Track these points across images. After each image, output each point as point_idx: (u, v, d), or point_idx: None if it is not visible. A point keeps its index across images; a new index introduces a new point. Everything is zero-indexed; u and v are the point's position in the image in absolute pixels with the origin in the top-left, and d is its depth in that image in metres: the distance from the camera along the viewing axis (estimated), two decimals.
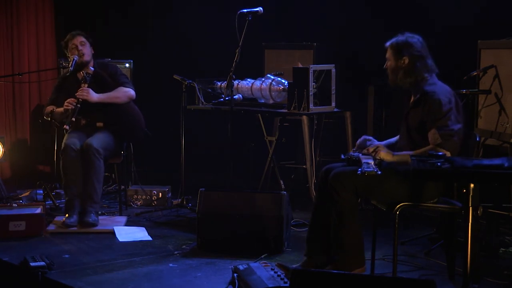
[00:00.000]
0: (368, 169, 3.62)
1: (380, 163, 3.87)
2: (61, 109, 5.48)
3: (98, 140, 5.35)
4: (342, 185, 3.97)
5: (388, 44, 4.15)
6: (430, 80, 4.06)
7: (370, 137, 4.26)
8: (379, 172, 3.64)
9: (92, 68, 5.55)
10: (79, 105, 5.37)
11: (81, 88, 5.42)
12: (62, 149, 5.35)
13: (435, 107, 3.92)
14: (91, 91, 5.42)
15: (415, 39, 4.09)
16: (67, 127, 5.33)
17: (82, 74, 5.49)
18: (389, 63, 4.15)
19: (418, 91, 4.07)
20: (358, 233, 4.05)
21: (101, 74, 5.57)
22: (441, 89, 4.00)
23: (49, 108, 5.57)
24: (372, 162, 3.76)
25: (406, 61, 4.07)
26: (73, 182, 5.32)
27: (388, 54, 4.15)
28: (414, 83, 4.08)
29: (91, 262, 4.51)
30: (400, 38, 4.11)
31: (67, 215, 5.31)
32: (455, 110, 3.96)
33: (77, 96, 5.39)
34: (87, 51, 5.55)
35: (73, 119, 5.33)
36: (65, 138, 5.42)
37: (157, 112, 7.27)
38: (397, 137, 4.31)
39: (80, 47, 5.52)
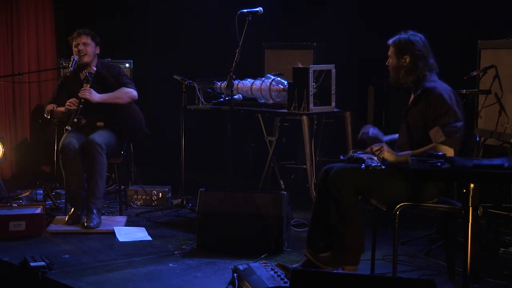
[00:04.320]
0: (373, 164, 3.64)
1: (383, 162, 3.86)
2: (61, 109, 5.48)
3: (100, 137, 5.36)
4: (343, 182, 3.97)
5: (390, 41, 4.14)
6: (430, 78, 4.06)
7: (375, 130, 4.24)
8: (383, 167, 3.64)
9: (95, 68, 5.55)
10: (81, 106, 5.38)
11: (83, 88, 5.43)
12: (60, 148, 5.35)
13: (437, 103, 3.92)
14: (93, 91, 5.43)
15: (417, 37, 4.08)
16: (69, 128, 5.33)
17: (85, 74, 5.49)
18: (391, 60, 4.14)
19: (419, 88, 4.07)
20: (358, 232, 4.04)
21: (103, 74, 5.56)
22: (441, 86, 4.01)
23: (50, 106, 5.58)
24: (375, 158, 3.77)
25: (408, 59, 4.06)
26: (73, 181, 5.32)
27: (390, 52, 4.14)
28: (415, 81, 4.08)
29: (91, 262, 4.50)
30: (402, 36, 4.10)
31: (72, 210, 5.32)
32: (456, 107, 3.96)
33: (79, 95, 5.39)
34: (90, 51, 5.54)
35: (75, 119, 5.34)
36: (63, 137, 5.42)
37: (157, 112, 7.27)
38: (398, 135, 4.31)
39: (81, 47, 5.52)
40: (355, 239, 4.04)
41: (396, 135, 4.29)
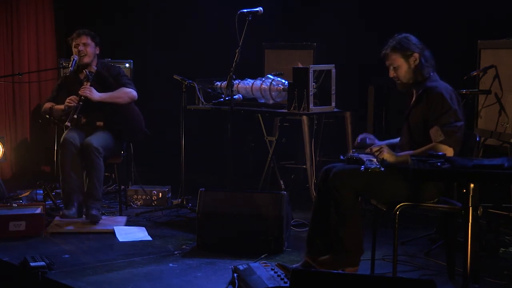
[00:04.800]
0: (372, 166, 3.62)
1: (382, 163, 3.85)
2: (60, 106, 5.49)
3: (97, 139, 5.36)
4: (343, 183, 3.97)
5: (388, 50, 4.07)
6: (432, 78, 4.06)
7: (371, 136, 4.25)
8: (382, 169, 3.63)
9: (95, 67, 5.55)
10: (81, 103, 5.38)
11: (83, 86, 5.43)
12: (61, 143, 5.34)
13: (437, 102, 3.92)
14: (93, 89, 5.43)
15: (408, 35, 4.08)
16: (69, 124, 5.33)
17: (85, 73, 5.50)
18: (400, 68, 4.05)
19: (420, 88, 4.07)
20: (358, 233, 4.05)
21: (103, 74, 5.57)
22: (442, 86, 4.01)
23: (48, 104, 5.58)
24: (374, 160, 3.77)
25: (417, 55, 4.03)
26: (70, 177, 5.30)
27: (393, 60, 4.06)
28: (426, 75, 4.05)
29: (91, 262, 4.51)
30: (397, 40, 4.05)
31: (65, 208, 5.30)
32: (457, 107, 3.95)
33: (80, 93, 5.40)
34: (90, 52, 5.54)
35: (75, 116, 5.34)
36: (65, 133, 5.41)
37: (157, 112, 7.27)
38: (398, 139, 4.30)
39: (81, 48, 5.52)
40: (354, 240, 4.04)
41: (393, 140, 4.28)
